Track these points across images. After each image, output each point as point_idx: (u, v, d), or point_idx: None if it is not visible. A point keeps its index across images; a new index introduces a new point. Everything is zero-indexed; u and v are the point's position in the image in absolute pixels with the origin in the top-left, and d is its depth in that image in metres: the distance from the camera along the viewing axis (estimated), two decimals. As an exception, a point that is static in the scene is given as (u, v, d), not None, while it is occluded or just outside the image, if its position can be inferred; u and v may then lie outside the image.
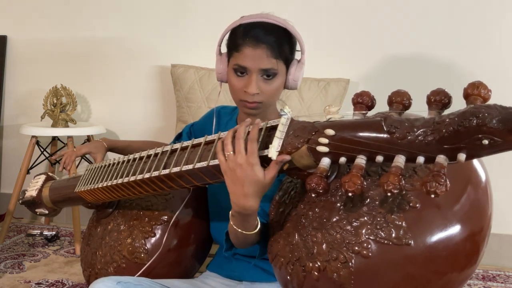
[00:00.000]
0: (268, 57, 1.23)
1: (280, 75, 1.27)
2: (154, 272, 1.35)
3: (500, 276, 2.38)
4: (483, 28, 2.46)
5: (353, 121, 0.89)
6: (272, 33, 1.24)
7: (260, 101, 1.27)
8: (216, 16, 2.67)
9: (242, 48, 1.24)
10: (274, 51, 1.23)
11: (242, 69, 1.26)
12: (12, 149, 3.06)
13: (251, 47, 1.23)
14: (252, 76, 1.24)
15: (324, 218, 0.97)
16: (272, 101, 1.31)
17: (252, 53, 1.23)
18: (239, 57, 1.25)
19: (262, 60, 1.23)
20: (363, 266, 0.91)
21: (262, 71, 1.24)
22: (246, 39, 1.24)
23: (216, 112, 1.50)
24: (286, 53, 1.27)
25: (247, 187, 0.99)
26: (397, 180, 0.80)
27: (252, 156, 0.98)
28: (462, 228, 0.90)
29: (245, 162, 0.98)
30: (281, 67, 1.26)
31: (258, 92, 1.25)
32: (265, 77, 1.25)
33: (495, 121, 0.72)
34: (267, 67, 1.24)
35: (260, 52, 1.23)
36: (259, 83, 1.25)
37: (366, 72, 2.58)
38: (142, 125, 2.84)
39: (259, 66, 1.24)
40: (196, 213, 1.43)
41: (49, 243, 2.65)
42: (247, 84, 1.25)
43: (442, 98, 0.85)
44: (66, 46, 2.92)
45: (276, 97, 1.32)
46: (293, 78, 1.29)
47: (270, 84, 1.26)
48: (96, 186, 1.34)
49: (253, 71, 1.24)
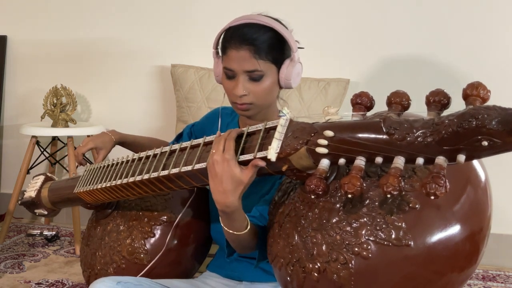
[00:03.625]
0: (251, 58, 1.23)
1: (268, 75, 1.26)
2: (154, 272, 1.36)
3: (500, 276, 2.38)
4: (483, 28, 2.45)
5: (352, 122, 0.89)
6: (256, 34, 1.24)
7: (249, 102, 1.27)
8: (216, 16, 2.66)
9: (228, 50, 1.26)
10: (258, 52, 1.23)
11: (230, 71, 1.27)
12: (12, 149, 3.06)
13: (234, 49, 1.24)
14: (239, 78, 1.26)
15: (323, 219, 0.97)
16: (265, 102, 1.31)
17: (236, 55, 1.24)
18: (226, 60, 1.28)
19: (245, 62, 1.24)
20: (363, 267, 0.91)
21: (246, 72, 1.25)
22: (231, 42, 1.25)
23: (218, 113, 1.51)
24: (273, 53, 1.26)
25: (225, 183, 1.02)
26: (396, 181, 0.80)
27: (228, 152, 1.02)
28: (462, 228, 0.90)
29: (221, 158, 1.02)
30: (267, 67, 1.25)
31: (245, 93, 1.26)
32: (252, 79, 1.26)
33: (495, 123, 0.72)
34: (250, 68, 1.24)
35: (243, 54, 1.23)
36: (246, 85, 1.26)
37: (366, 72, 2.57)
38: (142, 125, 2.84)
39: (242, 67, 1.24)
40: (196, 213, 1.43)
41: (49, 243, 2.65)
42: (235, 86, 1.26)
43: (441, 98, 0.85)
44: (66, 46, 2.92)
45: (270, 97, 1.31)
46: (285, 77, 1.28)
47: (258, 85, 1.26)
48: (95, 187, 1.34)
49: (238, 73, 1.26)
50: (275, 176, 1.22)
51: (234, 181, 1.02)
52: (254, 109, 1.30)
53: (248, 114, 1.31)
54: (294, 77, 1.30)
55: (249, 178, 1.02)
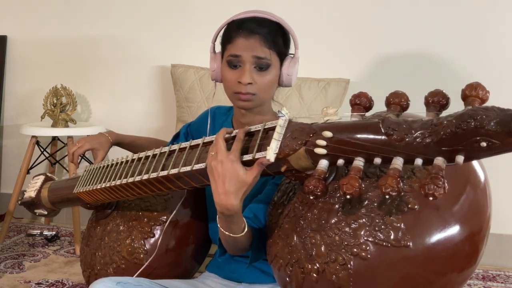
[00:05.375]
0: (261, 46, 1.24)
1: (273, 67, 1.27)
2: (153, 273, 1.36)
3: (500, 276, 2.38)
4: (483, 28, 2.45)
5: (351, 123, 0.89)
6: (265, 26, 1.26)
7: (253, 93, 1.27)
8: (216, 16, 2.65)
9: (235, 39, 1.26)
10: (268, 41, 1.25)
11: (236, 60, 1.26)
12: (12, 149, 3.06)
13: (244, 37, 1.25)
14: (246, 66, 1.26)
15: (322, 220, 0.97)
16: (265, 96, 1.31)
17: (245, 43, 1.25)
18: (232, 48, 1.27)
19: (256, 48, 1.24)
20: (361, 268, 0.91)
21: (255, 59, 1.25)
22: (239, 31, 1.26)
23: (211, 113, 1.50)
24: (280, 46, 1.28)
25: (228, 184, 1.00)
26: (395, 182, 0.80)
27: (233, 153, 1.00)
28: (461, 228, 0.89)
29: (226, 159, 1.00)
30: (274, 58, 1.27)
31: (251, 82, 1.26)
32: (258, 68, 1.26)
33: (493, 123, 0.72)
34: (261, 55, 1.25)
35: (253, 42, 1.24)
36: (252, 74, 1.26)
37: (366, 72, 2.57)
38: (142, 125, 2.84)
39: (252, 53, 1.24)
40: (195, 213, 1.43)
41: (49, 243, 2.65)
42: (241, 74, 1.26)
43: (440, 99, 0.85)
44: (66, 46, 2.92)
45: (271, 91, 1.32)
46: (287, 73, 1.29)
47: (263, 76, 1.27)
48: (94, 187, 1.34)
49: (246, 61, 1.25)
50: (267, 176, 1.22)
51: (238, 182, 1.00)
52: (255, 101, 1.29)
53: (249, 106, 1.30)
54: (295, 74, 1.31)
55: (253, 178, 1.00)
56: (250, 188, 1.02)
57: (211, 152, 1.03)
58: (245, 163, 1.01)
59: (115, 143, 1.63)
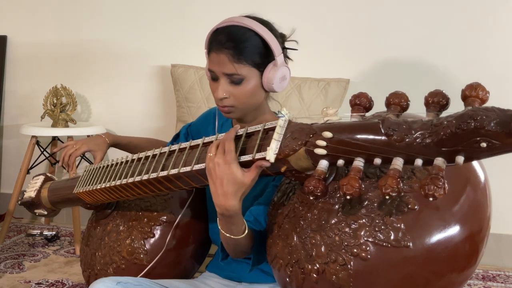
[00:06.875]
0: (230, 61, 1.22)
1: (249, 79, 1.24)
2: (154, 273, 1.36)
3: (500, 276, 2.38)
4: (483, 29, 2.45)
5: (350, 123, 0.89)
6: (237, 38, 1.22)
7: (230, 105, 1.26)
8: (216, 16, 2.65)
9: (210, 53, 1.26)
10: (237, 56, 1.22)
11: (213, 74, 1.26)
12: (12, 149, 3.06)
13: (215, 52, 1.24)
14: (220, 81, 1.25)
15: (322, 220, 0.97)
16: (247, 105, 1.28)
17: (216, 58, 1.24)
18: (209, 62, 1.27)
19: (225, 65, 1.23)
20: (362, 268, 0.91)
21: (226, 76, 1.24)
22: (213, 44, 1.25)
23: (212, 113, 1.51)
24: (254, 57, 1.23)
25: (226, 185, 1.00)
26: (395, 183, 0.80)
27: (229, 154, 1.00)
28: (461, 229, 0.90)
29: (223, 161, 1.00)
30: (247, 71, 1.23)
31: (226, 96, 1.25)
32: (232, 82, 1.24)
33: (493, 124, 0.72)
34: (229, 72, 1.23)
35: (222, 57, 1.22)
36: (227, 88, 1.25)
37: (366, 72, 2.57)
38: (142, 125, 2.84)
39: (222, 70, 1.23)
40: (195, 213, 1.44)
41: (49, 243, 2.65)
42: (216, 88, 1.26)
43: (440, 99, 0.85)
44: (66, 46, 2.92)
45: (253, 100, 1.28)
46: (268, 81, 1.26)
47: (238, 88, 1.25)
48: (94, 188, 1.34)
49: (220, 76, 1.25)
50: (267, 177, 1.22)
51: (235, 183, 1.00)
52: (237, 112, 1.29)
53: (231, 117, 1.31)
54: (278, 81, 1.27)
55: (252, 180, 1.00)
56: (249, 189, 1.02)
57: (209, 153, 1.03)
58: (245, 164, 1.01)
59: (112, 144, 1.65)
